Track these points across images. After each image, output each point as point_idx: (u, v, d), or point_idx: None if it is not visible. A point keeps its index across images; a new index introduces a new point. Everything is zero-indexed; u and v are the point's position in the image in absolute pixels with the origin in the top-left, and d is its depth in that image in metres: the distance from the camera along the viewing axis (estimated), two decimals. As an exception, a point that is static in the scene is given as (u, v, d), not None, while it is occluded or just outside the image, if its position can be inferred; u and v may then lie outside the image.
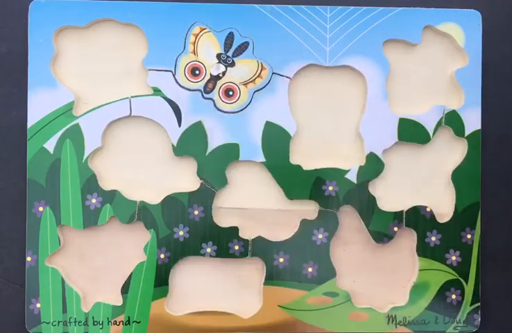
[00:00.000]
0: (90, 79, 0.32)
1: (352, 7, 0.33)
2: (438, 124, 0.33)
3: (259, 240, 0.32)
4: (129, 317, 0.32)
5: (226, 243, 0.32)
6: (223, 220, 0.33)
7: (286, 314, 0.32)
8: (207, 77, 0.32)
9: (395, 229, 0.33)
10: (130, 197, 0.32)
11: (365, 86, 0.33)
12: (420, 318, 0.33)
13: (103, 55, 0.32)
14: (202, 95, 0.32)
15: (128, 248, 0.32)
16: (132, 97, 0.32)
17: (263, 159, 0.32)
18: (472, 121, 0.33)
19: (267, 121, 0.32)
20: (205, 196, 0.32)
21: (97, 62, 0.32)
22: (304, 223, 0.33)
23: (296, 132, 0.33)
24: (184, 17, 0.32)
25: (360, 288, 0.33)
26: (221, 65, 0.32)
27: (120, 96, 0.32)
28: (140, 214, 0.32)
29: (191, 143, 0.32)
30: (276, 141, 0.33)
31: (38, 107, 0.32)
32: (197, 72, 0.32)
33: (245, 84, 0.32)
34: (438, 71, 0.34)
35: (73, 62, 0.32)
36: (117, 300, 0.32)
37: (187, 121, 0.32)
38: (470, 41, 0.33)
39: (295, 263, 0.32)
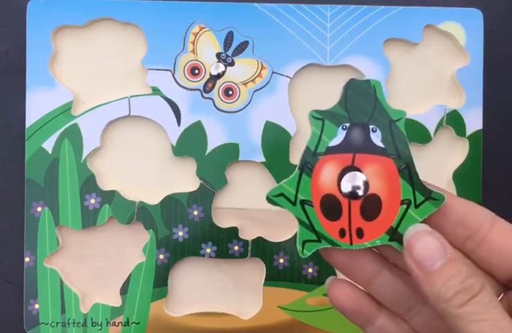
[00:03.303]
0: (89, 78, 0.32)
1: (353, 6, 0.32)
2: (439, 124, 0.33)
3: (259, 240, 0.32)
4: (128, 318, 0.32)
5: (226, 244, 0.32)
6: (222, 220, 0.32)
7: (286, 315, 0.32)
8: (207, 76, 0.32)
9: (396, 229, 0.33)
10: (129, 197, 0.32)
11: (366, 85, 0.33)
12: (421, 319, 0.33)
13: (101, 54, 0.32)
14: (202, 94, 0.32)
15: (127, 249, 0.32)
16: (131, 97, 0.32)
17: (263, 159, 0.32)
18: (474, 121, 0.33)
19: (267, 121, 0.32)
20: (204, 196, 0.32)
21: (96, 62, 0.32)
22: (304, 223, 0.32)
23: (296, 132, 0.33)
24: (183, 16, 0.32)
25: (360, 289, 0.33)
26: (221, 64, 0.32)
27: (119, 95, 0.32)
28: (139, 214, 0.32)
29: (190, 143, 0.32)
30: (276, 141, 0.32)
31: (36, 106, 0.32)
32: (196, 71, 0.32)
33: (245, 83, 0.32)
34: (439, 70, 0.33)
35: (72, 62, 0.32)
36: (116, 301, 0.32)
37: (187, 121, 0.32)
38: (471, 40, 0.33)
39: (295, 264, 0.32)
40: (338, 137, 0.20)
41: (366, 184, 0.20)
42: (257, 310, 0.32)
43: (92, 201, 0.32)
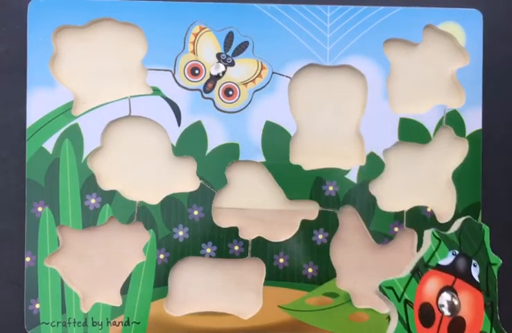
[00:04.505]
0: (89, 78, 0.32)
1: (353, 7, 0.33)
2: (439, 124, 0.33)
3: (259, 240, 0.32)
4: (128, 318, 0.32)
5: (226, 244, 0.32)
6: (222, 220, 0.32)
7: (286, 315, 0.32)
8: (207, 76, 0.32)
9: (396, 229, 0.33)
10: (129, 197, 0.32)
11: (366, 85, 0.33)
12: (421, 319, 0.33)
13: (102, 54, 0.32)
14: (202, 95, 0.32)
15: (127, 249, 0.32)
16: (131, 97, 0.32)
17: (263, 159, 0.32)
18: (473, 121, 0.33)
19: (267, 121, 0.32)
20: (204, 196, 0.32)
21: (96, 62, 0.32)
22: (304, 223, 0.32)
23: (296, 132, 0.33)
24: (183, 16, 0.32)
25: (360, 289, 0.33)
26: (221, 65, 0.32)
27: (119, 95, 0.32)
28: (139, 214, 0.32)
29: (190, 143, 0.32)
30: (276, 141, 0.32)
31: (37, 106, 0.32)
32: (197, 72, 0.32)
33: (245, 83, 0.32)
34: (438, 70, 0.33)
35: (73, 62, 0.32)
36: (116, 301, 0.32)
37: (187, 121, 0.32)
38: (470, 40, 0.33)
39: (295, 264, 0.32)
40: (448, 259, 0.25)
41: (459, 306, 0.24)
42: (257, 310, 0.32)
43: (92, 201, 0.32)
